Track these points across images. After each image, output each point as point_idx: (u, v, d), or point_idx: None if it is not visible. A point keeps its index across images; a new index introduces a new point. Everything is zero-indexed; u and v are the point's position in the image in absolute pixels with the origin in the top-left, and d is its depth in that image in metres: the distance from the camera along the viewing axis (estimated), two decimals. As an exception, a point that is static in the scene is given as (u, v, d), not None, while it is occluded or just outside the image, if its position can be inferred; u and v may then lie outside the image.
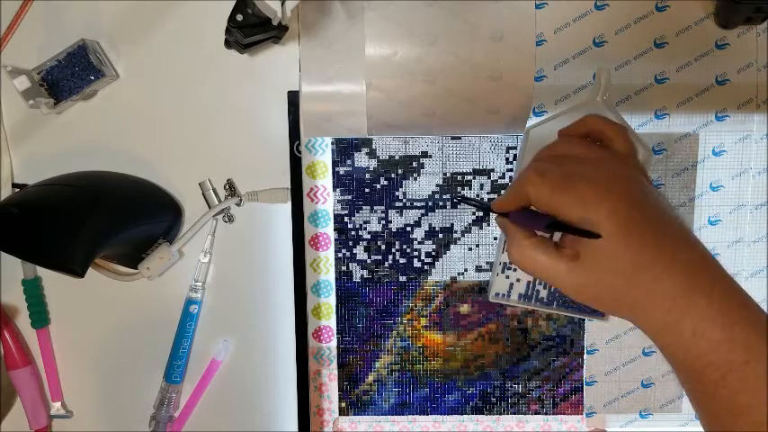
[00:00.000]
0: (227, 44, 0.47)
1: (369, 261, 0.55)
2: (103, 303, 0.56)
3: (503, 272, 0.52)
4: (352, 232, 0.55)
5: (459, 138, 0.54)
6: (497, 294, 0.52)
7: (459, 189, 0.54)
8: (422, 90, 0.47)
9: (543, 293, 0.52)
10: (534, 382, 0.56)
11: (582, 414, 0.56)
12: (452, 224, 0.55)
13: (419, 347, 0.56)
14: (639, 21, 0.52)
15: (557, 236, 0.41)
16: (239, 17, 0.43)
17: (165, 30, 0.53)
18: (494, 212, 0.42)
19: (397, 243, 0.55)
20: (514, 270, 0.52)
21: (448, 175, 0.54)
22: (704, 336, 0.34)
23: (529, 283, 0.52)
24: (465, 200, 0.51)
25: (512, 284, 0.52)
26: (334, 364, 0.56)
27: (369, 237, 0.55)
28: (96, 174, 0.53)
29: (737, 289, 0.36)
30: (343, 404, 0.57)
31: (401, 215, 0.55)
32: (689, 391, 0.37)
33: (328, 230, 0.55)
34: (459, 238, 0.55)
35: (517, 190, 0.39)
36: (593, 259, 0.36)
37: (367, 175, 0.54)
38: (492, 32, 0.46)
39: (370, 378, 0.56)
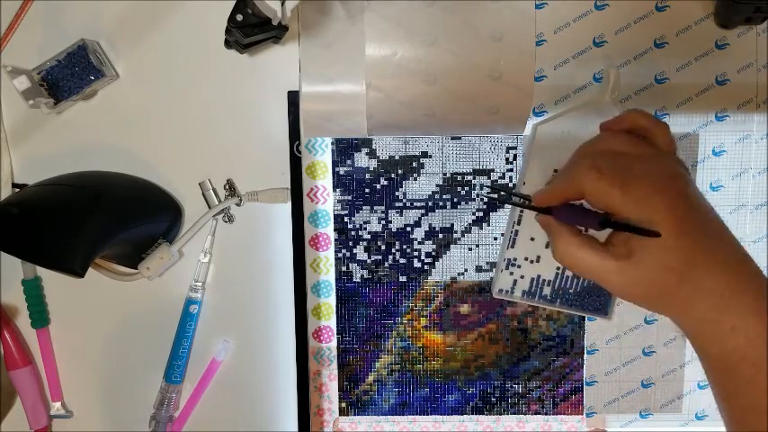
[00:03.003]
0: (227, 44, 0.47)
1: (369, 261, 0.55)
2: (103, 303, 0.56)
3: (506, 268, 0.52)
4: (352, 232, 0.55)
5: (459, 138, 0.54)
6: (501, 291, 0.53)
7: (458, 189, 0.54)
8: (422, 90, 0.47)
9: (547, 291, 0.52)
10: (534, 382, 0.56)
11: (582, 414, 0.56)
12: (452, 224, 0.55)
13: (419, 347, 0.56)
14: (639, 21, 0.52)
15: (597, 233, 0.40)
16: (239, 17, 0.43)
17: (165, 30, 0.53)
18: (534, 209, 0.42)
19: (397, 243, 0.55)
20: (518, 267, 0.52)
21: (448, 175, 0.54)
22: (742, 331, 0.35)
23: (533, 280, 0.52)
24: (499, 195, 0.50)
25: (515, 281, 0.52)
26: (335, 365, 0.56)
27: (369, 237, 0.55)
28: (96, 174, 0.53)
29: None
30: (344, 404, 0.57)
31: (401, 215, 0.55)
32: (718, 387, 0.38)
33: (328, 230, 0.55)
34: (460, 239, 0.55)
35: (568, 184, 0.39)
36: (647, 257, 0.36)
37: (367, 176, 0.54)
38: (492, 32, 0.46)
39: (371, 378, 0.56)
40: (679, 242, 0.36)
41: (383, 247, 0.55)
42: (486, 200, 0.54)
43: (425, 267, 0.55)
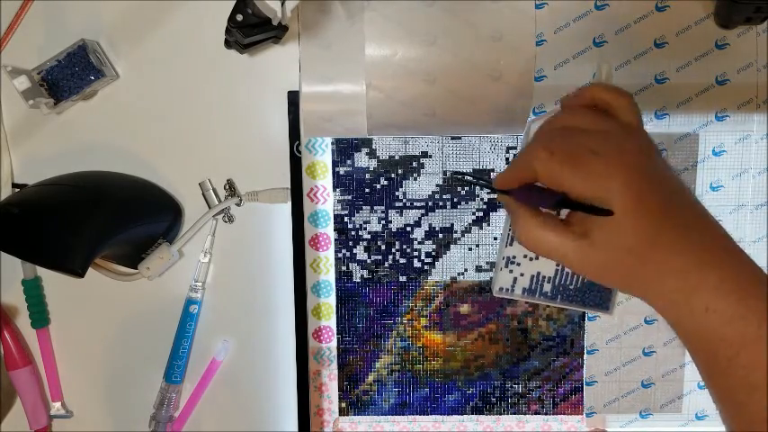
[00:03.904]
0: (227, 44, 0.47)
1: (369, 261, 0.55)
2: (103, 303, 0.56)
3: (506, 266, 0.52)
4: (353, 232, 0.55)
5: (459, 138, 0.54)
6: (501, 289, 0.52)
7: (458, 189, 0.54)
8: (422, 90, 0.47)
9: (547, 288, 0.52)
10: (534, 382, 0.56)
11: (582, 414, 0.56)
12: (452, 224, 0.55)
13: (419, 347, 0.56)
14: (639, 21, 0.52)
15: (563, 212, 0.39)
16: (239, 17, 0.43)
17: (165, 30, 0.53)
18: (496, 190, 0.41)
19: (397, 243, 0.55)
20: (518, 265, 0.52)
21: (448, 175, 0.54)
22: (717, 311, 0.33)
23: (532, 277, 0.52)
24: (463, 177, 0.49)
25: (515, 279, 0.52)
26: (335, 365, 0.56)
27: (369, 237, 0.55)
28: (96, 174, 0.53)
29: (750, 263, 0.35)
30: (344, 404, 0.57)
31: (401, 215, 0.55)
32: (700, 366, 0.36)
33: (328, 230, 0.55)
34: (460, 239, 0.55)
35: (523, 166, 0.37)
36: (603, 236, 0.35)
37: (367, 175, 0.54)
38: (492, 32, 0.46)
39: (371, 378, 0.56)
40: (636, 220, 0.34)
41: (383, 247, 0.55)
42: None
43: (425, 267, 0.55)
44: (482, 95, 0.47)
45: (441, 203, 0.54)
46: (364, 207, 0.55)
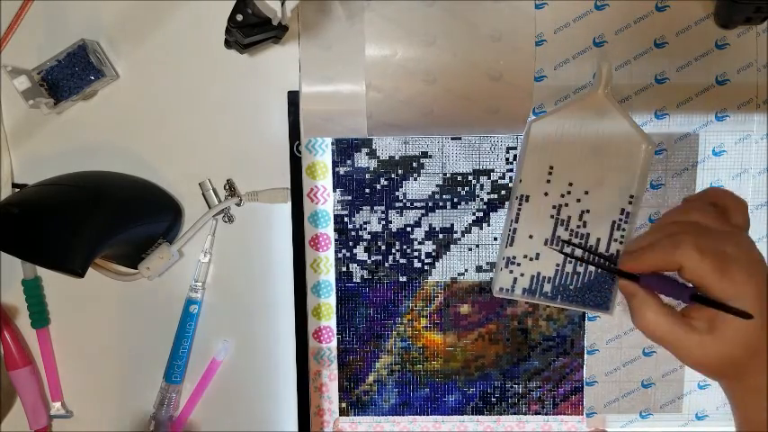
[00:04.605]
0: (227, 44, 0.47)
1: (369, 261, 0.55)
2: (103, 303, 0.56)
3: (506, 266, 0.52)
4: (353, 233, 0.55)
5: (459, 138, 0.54)
6: (501, 289, 0.52)
7: (458, 189, 0.54)
8: (421, 90, 0.47)
9: (547, 288, 0.52)
10: (534, 382, 0.56)
11: (582, 414, 0.56)
12: (452, 224, 0.55)
13: (419, 348, 0.56)
14: (639, 21, 0.52)
15: (667, 299, 0.42)
16: (239, 17, 0.43)
17: (166, 30, 0.53)
18: (616, 271, 0.44)
19: (397, 243, 0.55)
20: (518, 265, 0.52)
21: (448, 175, 0.54)
22: None
23: (533, 277, 0.52)
24: (572, 252, 0.51)
25: (515, 279, 0.52)
26: (335, 365, 0.56)
27: (369, 237, 0.55)
28: (96, 174, 0.53)
29: None
30: (344, 404, 0.57)
31: (401, 215, 0.55)
32: None
33: (328, 231, 0.55)
34: (460, 239, 0.55)
35: (666, 257, 0.41)
36: (731, 334, 0.39)
37: (367, 176, 0.54)
38: (491, 32, 0.46)
39: (371, 378, 0.56)
40: (762, 322, 0.39)
41: (383, 248, 0.55)
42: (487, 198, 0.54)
43: (425, 267, 0.55)
44: (482, 95, 0.47)
45: (441, 204, 0.54)
46: (364, 207, 0.55)
